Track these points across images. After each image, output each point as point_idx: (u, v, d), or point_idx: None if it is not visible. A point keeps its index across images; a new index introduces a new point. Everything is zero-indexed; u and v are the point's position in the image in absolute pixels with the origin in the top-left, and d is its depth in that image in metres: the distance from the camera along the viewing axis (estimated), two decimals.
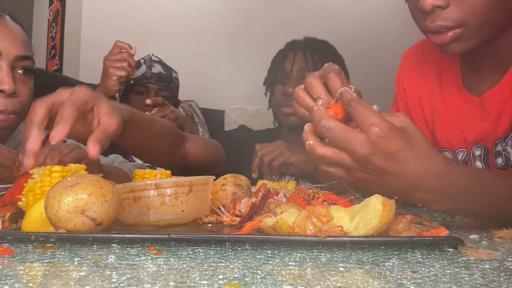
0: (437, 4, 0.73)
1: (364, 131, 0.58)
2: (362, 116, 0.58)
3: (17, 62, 1.00)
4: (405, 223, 0.53)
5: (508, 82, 0.83)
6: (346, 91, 0.59)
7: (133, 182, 0.65)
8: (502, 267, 0.43)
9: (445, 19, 0.75)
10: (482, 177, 0.66)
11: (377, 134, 0.57)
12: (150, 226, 0.65)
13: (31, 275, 0.39)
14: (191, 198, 0.65)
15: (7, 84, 0.97)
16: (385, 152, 0.57)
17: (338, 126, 0.58)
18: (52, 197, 0.52)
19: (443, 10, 0.74)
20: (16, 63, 1.00)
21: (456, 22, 0.75)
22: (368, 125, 0.57)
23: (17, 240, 0.52)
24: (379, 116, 0.58)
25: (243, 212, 0.68)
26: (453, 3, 0.74)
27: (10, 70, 0.99)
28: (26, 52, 1.02)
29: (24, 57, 1.02)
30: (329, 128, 0.58)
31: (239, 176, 0.77)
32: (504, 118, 0.84)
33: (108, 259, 0.44)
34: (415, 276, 0.39)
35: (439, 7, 0.74)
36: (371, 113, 0.58)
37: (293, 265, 0.43)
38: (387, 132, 0.57)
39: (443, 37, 0.77)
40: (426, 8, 0.74)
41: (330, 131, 0.58)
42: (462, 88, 0.92)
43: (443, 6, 0.74)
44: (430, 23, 0.76)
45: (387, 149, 0.57)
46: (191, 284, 0.35)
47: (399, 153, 0.57)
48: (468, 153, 0.91)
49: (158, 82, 1.84)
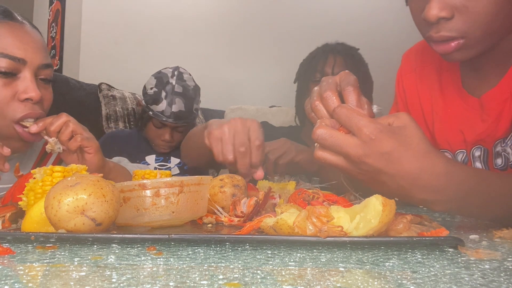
0: (442, 15, 0.74)
1: (355, 134, 0.60)
2: (349, 119, 0.60)
3: (40, 71, 1.02)
4: (405, 223, 0.53)
5: (507, 83, 0.83)
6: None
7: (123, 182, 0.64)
8: (502, 267, 0.43)
9: (449, 29, 0.75)
10: (484, 177, 0.66)
11: (368, 136, 0.58)
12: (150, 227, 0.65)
13: (31, 275, 0.39)
14: (182, 199, 0.64)
15: (34, 92, 0.98)
16: (378, 153, 0.59)
17: (328, 133, 0.61)
18: (52, 197, 0.52)
19: (447, 21, 0.75)
20: (39, 72, 1.02)
21: (459, 33, 0.75)
22: (358, 128, 0.59)
23: (17, 240, 0.52)
24: (368, 119, 0.60)
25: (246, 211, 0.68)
26: (457, 15, 0.74)
27: (34, 79, 1.00)
28: (47, 61, 1.04)
29: (46, 65, 1.04)
30: (320, 135, 0.61)
31: (235, 176, 0.77)
32: (503, 119, 0.84)
33: (108, 259, 0.44)
34: (415, 276, 0.39)
35: (443, 18, 0.74)
36: (359, 116, 0.60)
37: (293, 265, 0.43)
38: (378, 134, 0.58)
39: (446, 47, 0.77)
40: (431, 19, 0.74)
41: (321, 138, 0.61)
42: (461, 89, 0.92)
43: (448, 17, 0.74)
44: (435, 33, 0.77)
45: (380, 149, 0.58)
46: (191, 284, 0.35)
47: (393, 153, 0.59)
48: (468, 154, 0.91)
49: (177, 122, 1.81)
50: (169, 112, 1.79)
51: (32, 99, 0.98)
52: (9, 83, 0.97)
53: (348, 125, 0.61)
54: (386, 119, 0.62)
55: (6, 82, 0.97)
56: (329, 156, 0.62)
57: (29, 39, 1.01)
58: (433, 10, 0.74)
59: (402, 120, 0.61)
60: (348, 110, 0.62)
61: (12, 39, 0.98)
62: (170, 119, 1.80)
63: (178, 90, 1.82)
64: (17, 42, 0.98)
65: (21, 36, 1.00)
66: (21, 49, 0.98)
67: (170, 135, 1.85)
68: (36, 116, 0.99)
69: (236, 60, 2.94)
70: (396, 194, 0.61)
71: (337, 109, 0.63)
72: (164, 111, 1.79)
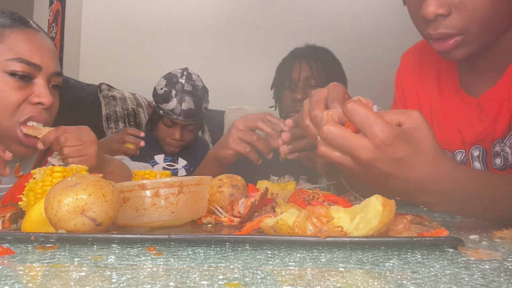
0: (439, 12, 0.74)
1: (368, 136, 0.56)
2: (363, 120, 0.56)
3: (52, 78, 1.06)
4: (405, 223, 0.53)
5: (505, 83, 0.83)
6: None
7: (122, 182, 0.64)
8: (502, 267, 0.43)
9: (446, 26, 0.75)
10: (486, 179, 0.65)
11: (383, 142, 0.55)
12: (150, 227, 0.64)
13: (31, 275, 0.39)
14: (182, 199, 0.63)
15: (46, 97, 1.02)
16: (390, 158, 0.56)
17: (340, 133, 0.57)
18: (52, 198, 0.52)
19: (445, 18, 0.75)
20: (51, 79, 1.06)
21: (457, 30, 0.75)
22: (372, 132, 0.55)
23: (17, 240, 0.52)
24: (382, 122, 0.56)
25: (243, 212, 0.68)
26: (454, 11, 0.74)
27: (47, 85, 1.04)
28: (59, 69, 1.08)
29: (58, 73, 1.07)
30: (330, 134, 0.57)
31: (234, 177, 0.77)
32: (502, 119, 0.84)
33: (108, 259, 0.44)
34: (415, 277, 0.39)
35: (441, 15, 0.74)
36: (374, 118, 0.56)
37: (293, 266, 0.43)
38: (393, 140, 0.55)
39: (444, 45, 0.77)
40: (429, 16, 0.74)
41: (330, 137, 0.58)
42: (459, 89, 0.93)
43: (445, 14, 0.74)
44: (433, 31, 0.77)
45: (393, 156, 0.56)
46: (191, 284, 0.35)
47: (405, 159, 0.56)
48: (467, 153, 0.91)
49: (186, 119, 1.86)
50: (179, 110, 1.83)
51: (44, 104, 1.01)
52: (23, 87, 1.00)
53: (361, 126, 0.57)
54: (397, 116, 0.58)
55: (21, 86, 1.00)
56: (334, 154, 0.59)
57: (44, 47, 1.05)
58: (431, 7, 0.74)
59: (414, 120, 0.58)
60: (361, 108, 0.57)
61: (29, 45, 1.02)
62: (180, 117, 1.84)
63: (187, 89, 1.86)
64: (34, 49, 1.02)
65: (37, 43, 1.03)
66: (37, 55, 1.02)
67: (180, 133, 1.89)
68: (41, 121, 1.02)
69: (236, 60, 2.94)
70: (399, 195, 0.61)
71: (349, 105, 0.58)
72: (174, 109, 1.83)
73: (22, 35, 1.02)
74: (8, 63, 0.99)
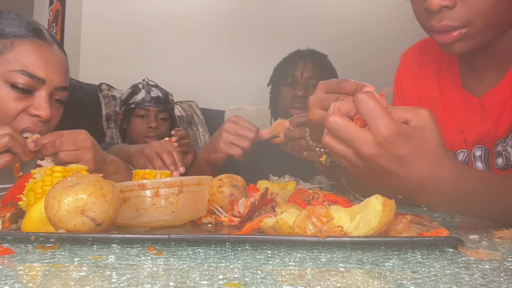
0: (444, 4, 0.74)
1: (372, 131, 0.56)
2: (370, 113, 0.56)
3: (56, 92, 1.05)
4: (405, 223, 0.53)
5: (508, 82, 0.83)
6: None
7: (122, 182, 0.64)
8: (502, 267, 0.43)
9: (451, 19, 0.75)
10: (488, 180, 0.65)
11: (385, 137, 0.55)
12: (150, 227, 0.64)
13: (31, 275, 0.39)
14: (182, 199, 0.63)
15: (45, 111, 1.01)
16: (391, 155, 0.56)
17: (344, 124, 0.57)
18: (52, 197, 0.52)
19: (449, 10, 0.75)
20: (55, 92, 1.05)
21: (462, 22, 0.75)
22: (376, 126, 0.55)
23: (17, 240, 0.52)
24: (388, 118, 0.55)
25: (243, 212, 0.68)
26: (459, 3, 0.74)
27: (49, 98, 1.03)
28: (65, 83, 1.07)
29: (63, 88, 1.06)
30: (335, 124, 0.57)
31: (234, 177, 0.77)
32: (504, 118, 0.84)
33: (108, 259, 0.44)
34: (415, 277, 0.39)
35: (445, 7, 0.74)
36: (380, 113, 0.56)
37: (293, 265, 0.43)
38: (395, 137, 0.55)
39: (448, 37, 0.77)
40: (433, 8, 0.74)
41: (334, 128, 0.57)
42: (461, 88, 0.92)
43: (450, 6, 0.74)
44: (437, 23, 0.76)
45: (394, 153, 0.56)
46: (191, 284, 0.35)
47: (406, 157, 0.56)
48: (469, 153, 0.91)
49: (158, 105, 2.01)
50: (149, 97, 2.00)
51: (41, 117, 1.01)
52: (23, 98, 1.00)
53: (367, 118, 0.56)
54: (405, 113, 0.58)
55: (21, 97, 1.00)
56: (337, 145, 0.59)
57: (53, 60, 1.04)
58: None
59: (422, 119, 0.57)
60: (371, 101, 0.56)
61: (36, 58, 1.01)
62: (152, 103, 1.99)
63: (152, 84, 2.06)
64: (40, 61, 1.01)
65: (46, 56, 1.02)
66: (42, 68, 1.01)
67: (155, 120, 1.99)
68: (36, 132, 1.01)
69: (236, 60, 2.94)
70: (400, 194, 0.61)
71: (360, 95, 0.57)
72: (144, 98, 2.00)
73: (32, 47, 1.01)
74: (11, 74, 0.98)
